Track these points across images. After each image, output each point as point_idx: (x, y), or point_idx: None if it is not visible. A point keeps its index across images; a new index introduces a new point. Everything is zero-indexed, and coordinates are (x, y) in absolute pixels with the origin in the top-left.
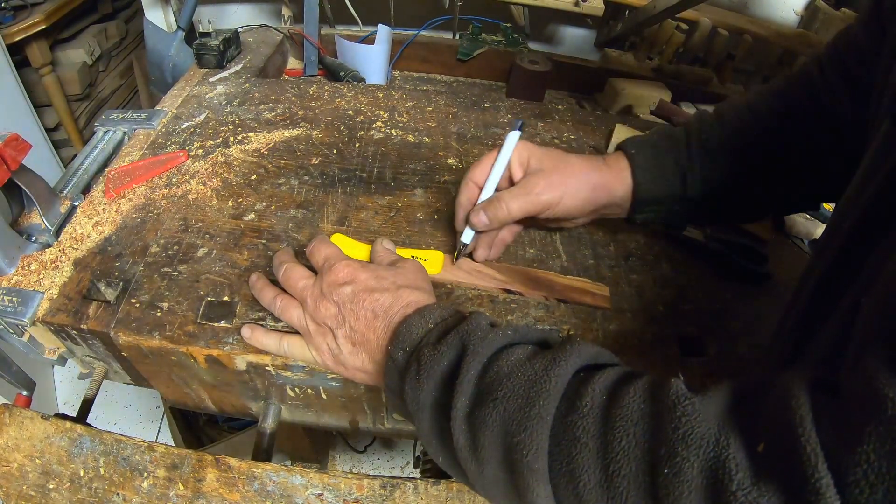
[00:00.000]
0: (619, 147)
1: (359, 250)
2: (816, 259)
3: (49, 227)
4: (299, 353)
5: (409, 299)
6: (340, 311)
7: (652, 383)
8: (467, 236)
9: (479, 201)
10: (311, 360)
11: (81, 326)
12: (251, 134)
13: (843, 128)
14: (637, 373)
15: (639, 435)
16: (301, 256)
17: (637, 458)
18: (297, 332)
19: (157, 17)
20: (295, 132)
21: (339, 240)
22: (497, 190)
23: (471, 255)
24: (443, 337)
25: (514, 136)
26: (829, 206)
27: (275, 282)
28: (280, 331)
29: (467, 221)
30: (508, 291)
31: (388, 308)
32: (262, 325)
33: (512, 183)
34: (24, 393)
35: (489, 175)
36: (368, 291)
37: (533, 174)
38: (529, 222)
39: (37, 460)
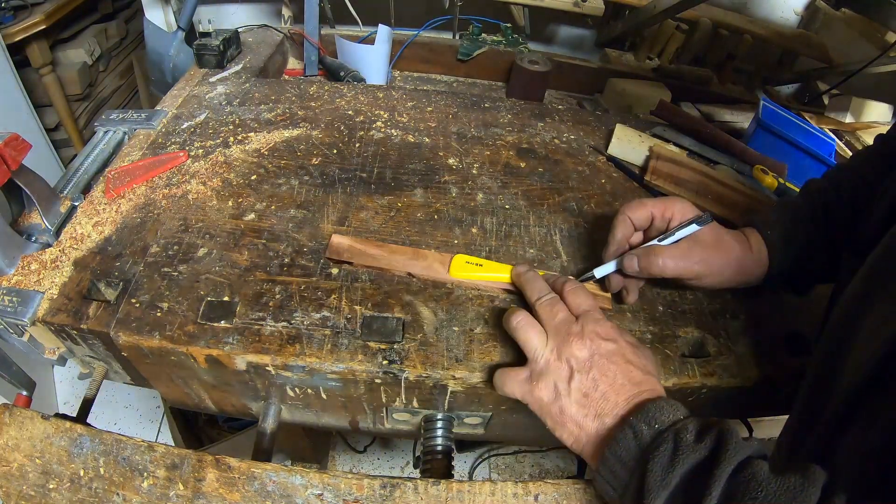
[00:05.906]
0: (752, 225)
1: (489, 267)
2: (879, 325)
3: (49, 226)
4: (507, 378)
5: (652, 386)
6: (591, 358)
7: None
8: (602, 270)
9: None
10: (516, 392)
11: (81, 326)
12: (251, 134)
13: None
14: None
15: None
16: None
17: None
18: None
19: (157, 17)
20: (295, 132)
21: (471, 260)
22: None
23: (617, 296)
24: (703, 430)
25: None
26: None
27: (523, 303)
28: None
29: (616, 258)
30: (509, 292)
31: (638, 382)
32: (261, 325)
33: (656, 229)
34: (24, 393)
35: (652, 230)
36: (626, 361)
37: (694, 239)
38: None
39: (37, 460)
